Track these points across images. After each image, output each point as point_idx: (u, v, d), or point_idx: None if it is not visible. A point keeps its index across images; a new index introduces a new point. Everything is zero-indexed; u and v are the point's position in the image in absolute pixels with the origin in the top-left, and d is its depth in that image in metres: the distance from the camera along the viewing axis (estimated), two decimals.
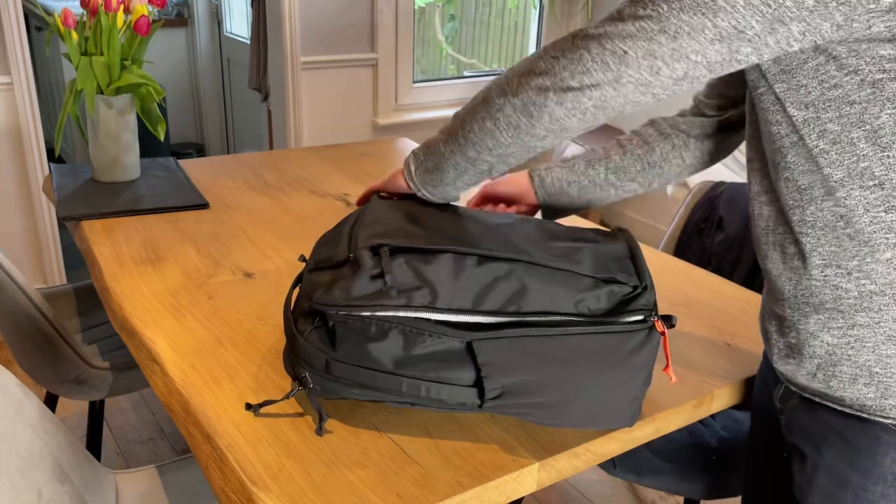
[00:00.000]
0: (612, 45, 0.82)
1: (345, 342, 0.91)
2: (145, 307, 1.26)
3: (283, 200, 1.76)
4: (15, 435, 1.06)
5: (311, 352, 0.93)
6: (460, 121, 0.99)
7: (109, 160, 1.77)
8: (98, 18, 1.67)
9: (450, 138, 1.01)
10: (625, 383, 0.94)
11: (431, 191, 1.08)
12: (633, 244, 1.06)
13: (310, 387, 0.93)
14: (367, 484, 0.89)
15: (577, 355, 0.92)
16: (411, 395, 0.91)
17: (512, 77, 0.92)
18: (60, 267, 2.90)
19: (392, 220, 1.05)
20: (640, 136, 1.25)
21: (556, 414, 0.94)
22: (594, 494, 2.12)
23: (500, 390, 0.91)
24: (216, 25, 4.29)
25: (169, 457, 2.22)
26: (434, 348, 0.91)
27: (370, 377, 0.91)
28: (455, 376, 0.91)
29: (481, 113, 0.95)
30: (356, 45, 3.13)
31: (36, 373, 1.64)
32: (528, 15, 3.81)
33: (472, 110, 0.97)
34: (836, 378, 0.90)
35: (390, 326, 0.90)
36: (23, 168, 2.72)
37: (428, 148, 1.05)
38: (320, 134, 3.18)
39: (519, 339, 0.91)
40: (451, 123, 1.02)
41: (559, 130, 0.90)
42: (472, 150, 0.98)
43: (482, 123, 0.95)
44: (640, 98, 0.84)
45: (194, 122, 4.63)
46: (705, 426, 1.51)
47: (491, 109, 0.93)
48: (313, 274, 1.00)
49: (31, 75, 2.64)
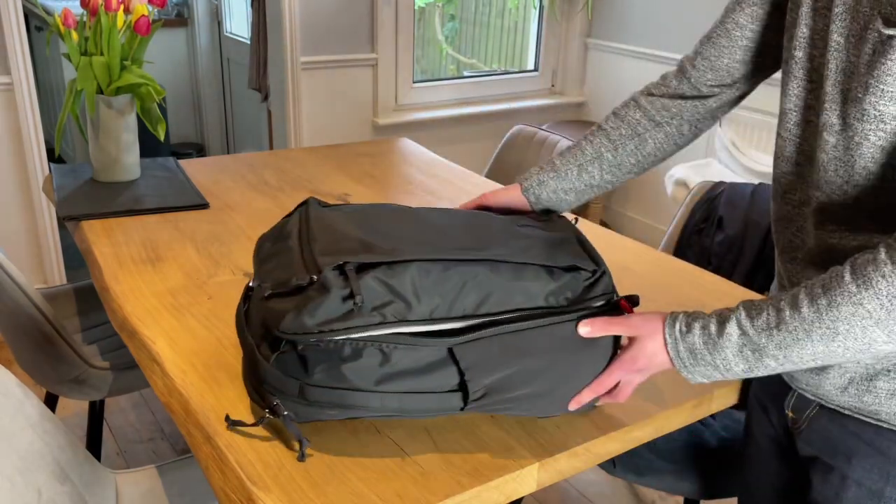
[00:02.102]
0: None
1: (319, 366, 0.88)
2: (145, 307, 1.26)
3: (283, 200, 1.76)
4: (15, 435, 1.06)
5: (281, 378, 0.89)
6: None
7: (109, 160, 1.77)
8: (98, 18, 1.67)
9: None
10: (599, 364, 0.97)
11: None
12: (575, 230, 1.09)
13: (283, 414, 0.89)
14: (367, 484, 0.89)
15: (554, 345, 0.93)
16: (390, 408, 0.90)
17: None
18: (60, 267, 2.90)
19: (346, 231, 0.99)
20: (629, 125, 1.18)
21: (535, 404, 0.95)
22: (594, 494, 2.12)
23: (484, 390, 0.91)
24: (216, 25, 4.29)
25: (169, 457, 2.22)
26: (413, 359, 0.89)
27: (348, 397, 0.89)
28: (436, 384, 0.90)
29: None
30: (356, 45, 3.13)
31: (36, 373, 1.64)
32: (528, 15, 3.81)
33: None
34: (871, 393, 0.88)
35: (365, 345, 0.88)
36: (23, 168, 2.71)
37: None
38: (320, 134, 3.18)
39: (498, 336, 0.91)
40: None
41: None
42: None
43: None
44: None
45: (194, 122, 4.63)
46: (705, 426, 1.51)
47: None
48: (273, 301, 0.92)
49: (31, 75, 2.63)
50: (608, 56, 3.62)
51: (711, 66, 1.10)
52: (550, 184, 1.21)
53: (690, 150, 3.32)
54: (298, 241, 1.00)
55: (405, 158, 2.15)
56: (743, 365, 0.86)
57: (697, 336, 0.88)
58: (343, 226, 1.01)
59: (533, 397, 0.94)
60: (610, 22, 3.58)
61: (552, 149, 2.38)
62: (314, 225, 1.01)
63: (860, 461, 0.91)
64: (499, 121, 3.60)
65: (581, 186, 1.20)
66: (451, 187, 1.92)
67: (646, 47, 3.42)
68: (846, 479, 0.92)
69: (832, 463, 0.94)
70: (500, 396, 0.93)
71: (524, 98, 3.71)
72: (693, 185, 2.20)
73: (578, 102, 3.80)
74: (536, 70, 3.79)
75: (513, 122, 3.63)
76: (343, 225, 1.01)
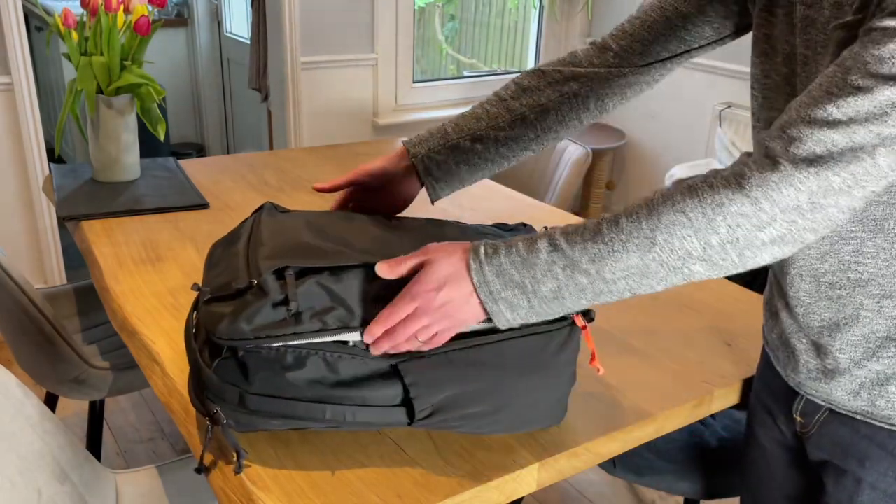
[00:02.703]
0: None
1: (259, 374, 0.84)
2: (145, 307, 1.26)
3: (283, 200, 1.76)
4: (15, 435, 1.06)
5: (221, 386, 0.85)
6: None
7: (109, 160, 1.77)
8: (98, 18, 1.67)
9: None
10: (552, 383, 0.94)
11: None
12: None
13: (223, 423, 0.86)
14: (367, 484, 0.89)
15: (504, 362, 0.90)
16: (336, 420, 0.87)
17: None
18: (60, 267, 2.90)
19: (292, 235, 0.95)
20: (530, 93, 1.10)
21: (486, 423, 0.92)
22: (594, 494, 2.12)
23: (430, 409, 0.88)
24: (216, 25, 4.29)
25: (169, 457, 2.22)
26: (357, 371, 0.86)
27: (290, 407, 0.85)
28: (381, 395, 0.87)
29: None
30: (356, 45, 3.13)
31: (36, 373, 1.64)
32: (528, 15, 3.81)
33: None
34: (883, 398, 0.87)
35: (308, 353, 0.84)
36: (23, 168, 2.71)
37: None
38: (320, 134, 3.18)
39: (445, 353, 0.88)
40: None
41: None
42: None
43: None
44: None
45: (194, 122, 4.63)
46: (705, 426, 1.51)
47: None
48: (212, 305, 0.88)
49: (31, 75, 2.63)
50: None
51: (650, 38, 1.05)
52: (443, 153, 1.10)
53: (690, 150, 3.32)
54: (246, 245, 0.96)
55: None
56: (552, 284, 0.80)
57: (503, 256, 0.82)
58: (293, 231, 0.97)
59: (483, 416, 0.91)
60: (610, 22, 3.58)
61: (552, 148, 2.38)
62: (264, 229, 0.97)
63: (874, 465, 0.90)
64: None
65: (475, 159, 1.11)
66: None
67: None
68: (860, 482, 0.91)
69: (844, 467, 0.92)
70: (448, 415, 0.90)
71: None
72: None
73: None
74: None
75: None
76: (294, 230, 0.97)
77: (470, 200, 1.83)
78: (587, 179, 3.58)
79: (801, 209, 0.73)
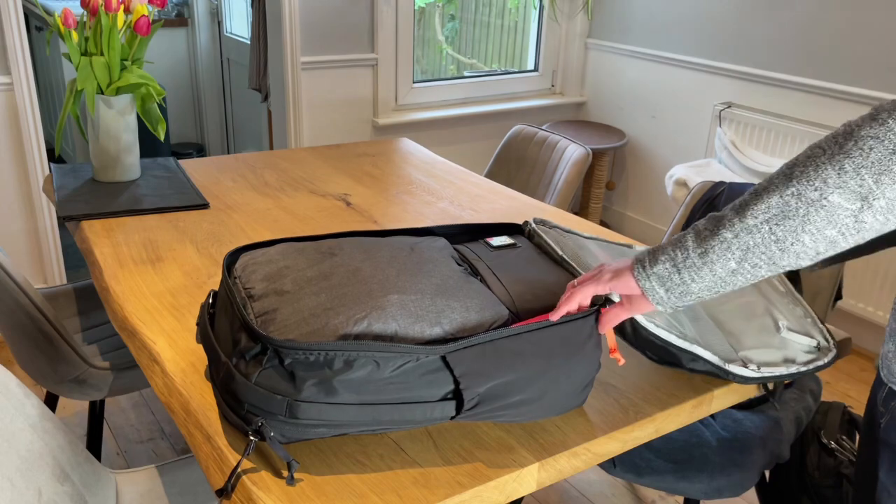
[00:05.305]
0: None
1: (308, 380, 0.84)
2: (145, 307, 1.26)
3: (283, 200, 1.76)
4: (15, 435, 1.06)
5: (266, 397, 0.84)
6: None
7: (109, 160, 1.77)
8: (98, 18, 1.67)
9: None
10: (585, 367, 0.98)
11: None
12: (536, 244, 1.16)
13: (270, 436, 0.84)
14: (367, 484, 0.89)
15: (544, 349, 0.94)
16: (382, 421, 0.88)
17: None
18: (60, 267, 2.90)
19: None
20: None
21: (524, 411, 0.95)
22: (594, 494, 2.12)
23: (478, 399, 0.91)
24: (216, 25, 4.29)
25: (169, 457, 2.22)
26: (407, 367, 0.87)
27: (339, 412, 0.85)
28: (428, 393, 0.89)
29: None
30: (356, 45, 3.13)
31: (36, 373, 1.64)
32: (528, 15, 3.81)
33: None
34: None
35: (357, 355, 0.85)
36: (23, 168, 2.71)
37: None
38: (320, 134, 3.18)
39: (491, 343, 0.91)
40: None
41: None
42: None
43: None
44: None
45: (194, 122, 4.63)
46: (705, 426, 1.51)
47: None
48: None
49: (31, 75, 2.64)
50: (608, 56, 3.62)
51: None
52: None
53: (690, 150, 3.32)
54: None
55: (405, 158, 2.15)
56: (699, 248, 0.86)
57: (660, 254, 0.90)
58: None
59: (524, 404, 0.94)
60: (610, 22, 3.58)
61: (552, 148, 2.38)
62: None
63: None
64: (499, 121, 3.60)
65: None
66: (451, 187, 1.92)
67: (646, 48, 3.42)
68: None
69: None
70: (493, 405, 0.92)
71: (524, 98, 3.71)
72: (693, 185, 2.20)
73: (578, 103, 3.80)
74: (536, 70, 3.79)
75: (513, 123, 3.64)
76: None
77: (470, 200, 1.83)
78: (587, 179, 3.58)
79: None
